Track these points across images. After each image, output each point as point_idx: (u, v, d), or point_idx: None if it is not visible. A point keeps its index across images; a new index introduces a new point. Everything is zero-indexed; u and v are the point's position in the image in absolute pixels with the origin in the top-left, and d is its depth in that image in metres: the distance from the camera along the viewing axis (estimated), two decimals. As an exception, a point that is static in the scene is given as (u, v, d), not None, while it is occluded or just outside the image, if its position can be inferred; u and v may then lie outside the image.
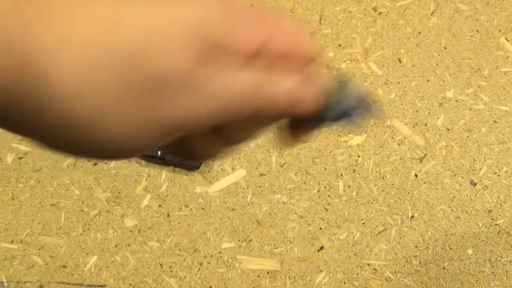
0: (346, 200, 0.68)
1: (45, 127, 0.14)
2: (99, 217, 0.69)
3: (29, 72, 0.13)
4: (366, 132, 0.74)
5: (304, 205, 0.68)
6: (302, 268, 0.64)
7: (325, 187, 0.69)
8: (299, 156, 0.72)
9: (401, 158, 0.71)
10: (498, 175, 0.70)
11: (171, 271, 0.65)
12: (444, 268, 0.64)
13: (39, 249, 0.67)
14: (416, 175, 0.70)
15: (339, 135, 0.73)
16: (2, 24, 0.13)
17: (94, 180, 0.71)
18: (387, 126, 0.74)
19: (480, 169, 0.70)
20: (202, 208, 0.69)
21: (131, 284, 0.65)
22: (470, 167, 0.71)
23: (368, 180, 0.70)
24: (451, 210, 0.68)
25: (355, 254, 0.65)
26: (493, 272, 0.64)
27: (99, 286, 0.66)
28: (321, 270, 0.64)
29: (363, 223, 0.67)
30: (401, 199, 0.68)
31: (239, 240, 0.66)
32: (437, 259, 0.65)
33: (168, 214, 0.69)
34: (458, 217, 0.67)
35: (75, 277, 0.65)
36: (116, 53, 0.13)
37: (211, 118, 0.15)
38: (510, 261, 0.64)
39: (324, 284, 0.63)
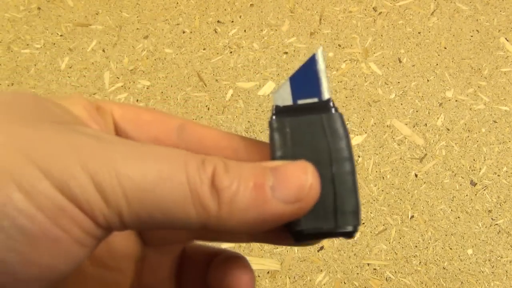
0: (346, 200, 0.68)
1: None
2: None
3: None
4: (366, 132, 0.74)
5: (304, 205, 0.68)
6: (302, 268, 0.64)
7: (325, 187, 0.69)
8: (299, 156, 0.72)
9: (401, 158, 0.71)
10: (498, 175, 0.70)
11: (171, 271, 0.65)
12: (444, 268, 0.64)
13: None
14: (416, 175, 0.70)
15: (339, 135, 0.73)
16: None
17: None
18: (387, 126, 0.74)
19: (480, 169, 0.70)
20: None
21: (131, 284, 0.65)
22: (470, 167, 0.71)
23: (368, 180, 0.70)
24: (451, 210, 0.68)
25: (355, 254, 0.65)
26: (493, 272, 0.64)
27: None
28: (321, 270, 0.64)
29: (363, 223, 0.67)
30: (401, 199, 0.68)
31: (239, 240, 0.66)
32: (437, 259, 0.64)
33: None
34: (458, 217, 0.67)
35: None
36: None
37: None
38: (510, 261, 0.64)
39: (324, 284, 0.63)
